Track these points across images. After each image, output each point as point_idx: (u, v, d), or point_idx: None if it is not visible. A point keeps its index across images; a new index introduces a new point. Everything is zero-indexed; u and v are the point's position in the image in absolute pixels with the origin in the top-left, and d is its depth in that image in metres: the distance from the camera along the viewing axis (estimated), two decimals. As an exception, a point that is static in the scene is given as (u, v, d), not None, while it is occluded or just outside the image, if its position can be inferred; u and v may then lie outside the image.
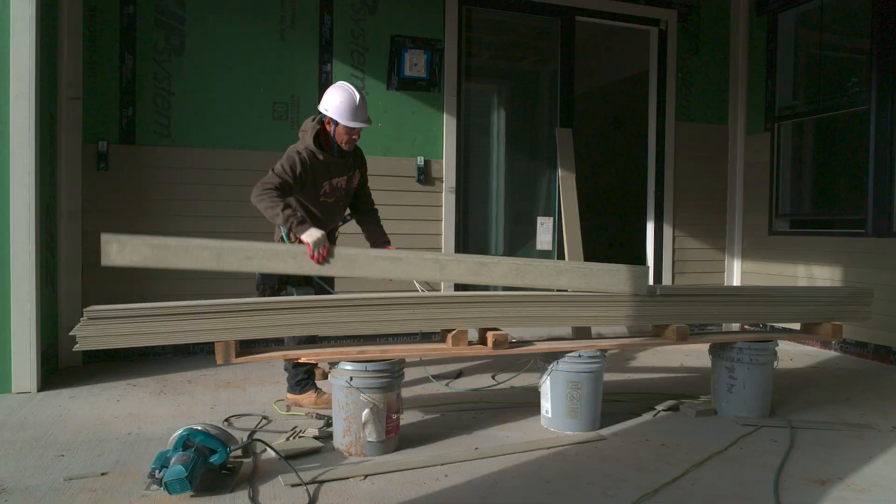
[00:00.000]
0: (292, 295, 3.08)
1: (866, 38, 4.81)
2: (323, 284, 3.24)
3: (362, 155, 3.51)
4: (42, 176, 3.66)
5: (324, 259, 2.85)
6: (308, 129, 3.29)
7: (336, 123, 3.21)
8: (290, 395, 3.39)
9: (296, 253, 2.84)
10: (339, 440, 2.73)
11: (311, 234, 2.86)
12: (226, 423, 3.04)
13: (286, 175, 3.10)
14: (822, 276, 5.13)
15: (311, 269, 2.86)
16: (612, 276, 3.02)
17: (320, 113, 3.28)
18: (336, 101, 3.19)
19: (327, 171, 3.28)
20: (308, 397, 3.35)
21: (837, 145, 5.47)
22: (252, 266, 2.79)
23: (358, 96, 3.22)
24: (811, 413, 3.36)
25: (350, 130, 3.23)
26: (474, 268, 2.96)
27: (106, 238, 2.56)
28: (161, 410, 3.27)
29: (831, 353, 4.97)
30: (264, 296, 3.25)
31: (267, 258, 2.81)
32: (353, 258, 2.91)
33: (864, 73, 4.85)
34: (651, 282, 5.72)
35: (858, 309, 3.60)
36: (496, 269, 2.96)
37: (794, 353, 4.95)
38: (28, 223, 3.50)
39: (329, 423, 2.96)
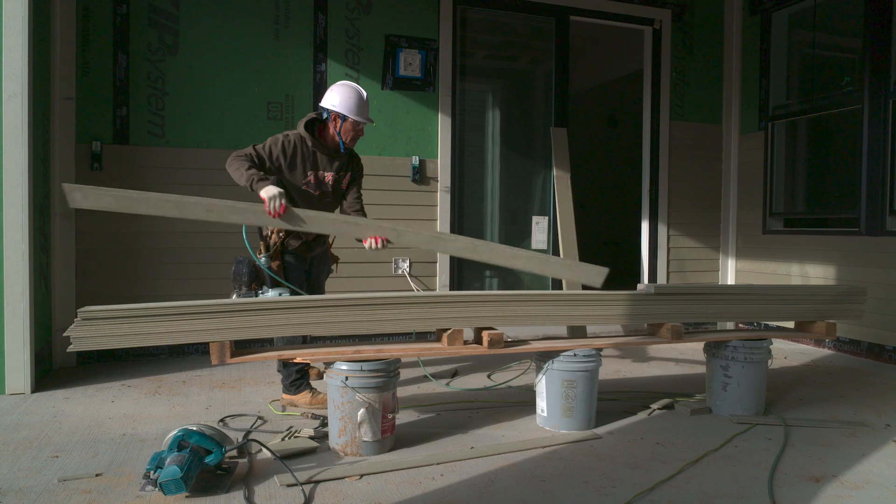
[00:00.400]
0: (267, 295, 3.11)
1: (859, 38, 4.83)
2: (294, 287, 3.26)
3: (359, 161, 3.53)
4: (35, 176, 3.64)
5: (280, 215, 2.91)
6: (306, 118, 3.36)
7: (343, 119, 3.25)
8: (285, 396, 3.38)
9: (255, 209, 2.90)
10: (335, 440, 2.73)
11: (269, 191, 2.92)
12: (221, 424, 3.04)
13: (262, 151, 3.20)
14: (816, 274, 5.15)
15: (271, 222, 2.94)
16: (567, 270, 3.11)
17: (323, 110, 3.30)
18: (341, 98, 3.25)
19: (315, 162, 3.31)
20: (303, 397, 3.35)
21: (831, 144, 5.49)
22: (213, 217, 2.83)
23: (364, 94, 3.32)
24: (805, 411, 3.37)
25: (357, 125, 3.29)
26: (431, 239, 3.31)
27: (68, 187, 2.60)
28: (156, 411, 3.26)
29: (825, 352, 4.99)
30: (240, 296, 3.24)
31: (228, 212, 2.86)
32: (312, 217, 2.98)
33: (857, 73, 4.87)
34: (646, 281, 5.74)
35: (852, 307, 3.62)
36: (452, 244, 3.19)
37: (788, 352, 4.96)
38: (21, 223, 3.49)
39: (324, 423, 2.96)
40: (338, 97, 3.24)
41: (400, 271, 4.95)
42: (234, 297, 3.11)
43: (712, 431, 3.01)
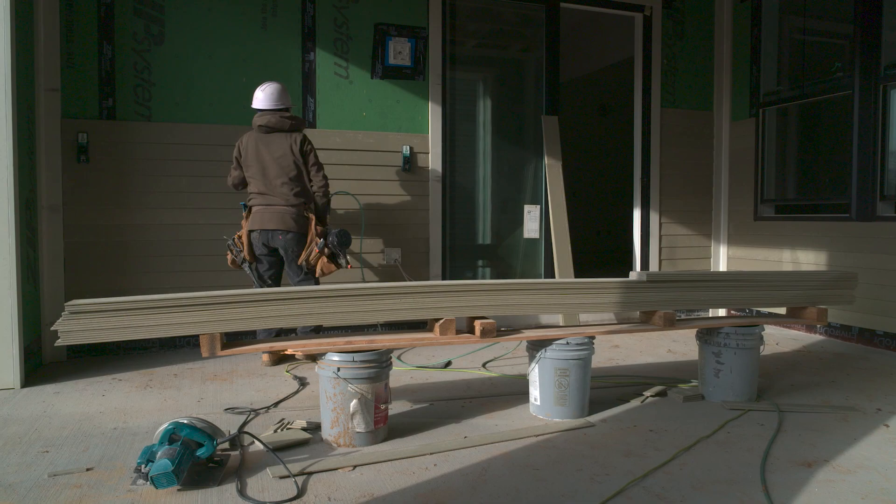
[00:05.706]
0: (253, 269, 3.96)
1: (849, 24, 4.83)
2: (260, 279, 3.96)
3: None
4: (21, 169, 3.60)
5: None
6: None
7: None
8: None
9: None
10: (328, 431, 2.72)
11: None
12: (225, 412, 3.02)
13: None
14: (807, 260, 5.17)
15: None
16: None
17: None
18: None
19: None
20: None
21: (821, 130, 5.49)
22: None
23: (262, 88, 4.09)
24: (797, 396, 3.39)
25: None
26: None
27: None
28: (147, 404, 3.24)
29: (817, 337, 5.01)
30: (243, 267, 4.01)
31: None
32: None
33: (848, 58, 4.87)
34: (638, 268, 5.74)
35: (843, 293, 3.63)
36: None
37: (779, 338, 4.98)
38: (7, 217, 3.44)
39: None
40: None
41: (391, 262, 4.93)
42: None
43: (705, 418, 3.02)
